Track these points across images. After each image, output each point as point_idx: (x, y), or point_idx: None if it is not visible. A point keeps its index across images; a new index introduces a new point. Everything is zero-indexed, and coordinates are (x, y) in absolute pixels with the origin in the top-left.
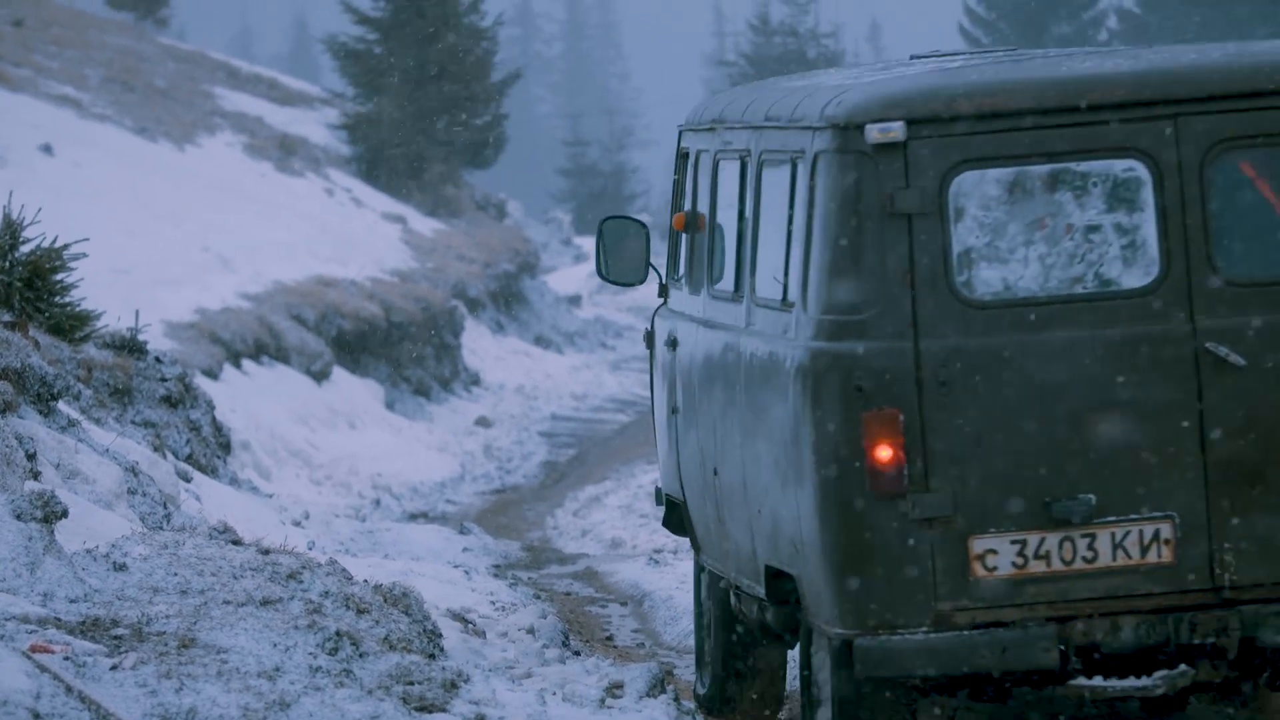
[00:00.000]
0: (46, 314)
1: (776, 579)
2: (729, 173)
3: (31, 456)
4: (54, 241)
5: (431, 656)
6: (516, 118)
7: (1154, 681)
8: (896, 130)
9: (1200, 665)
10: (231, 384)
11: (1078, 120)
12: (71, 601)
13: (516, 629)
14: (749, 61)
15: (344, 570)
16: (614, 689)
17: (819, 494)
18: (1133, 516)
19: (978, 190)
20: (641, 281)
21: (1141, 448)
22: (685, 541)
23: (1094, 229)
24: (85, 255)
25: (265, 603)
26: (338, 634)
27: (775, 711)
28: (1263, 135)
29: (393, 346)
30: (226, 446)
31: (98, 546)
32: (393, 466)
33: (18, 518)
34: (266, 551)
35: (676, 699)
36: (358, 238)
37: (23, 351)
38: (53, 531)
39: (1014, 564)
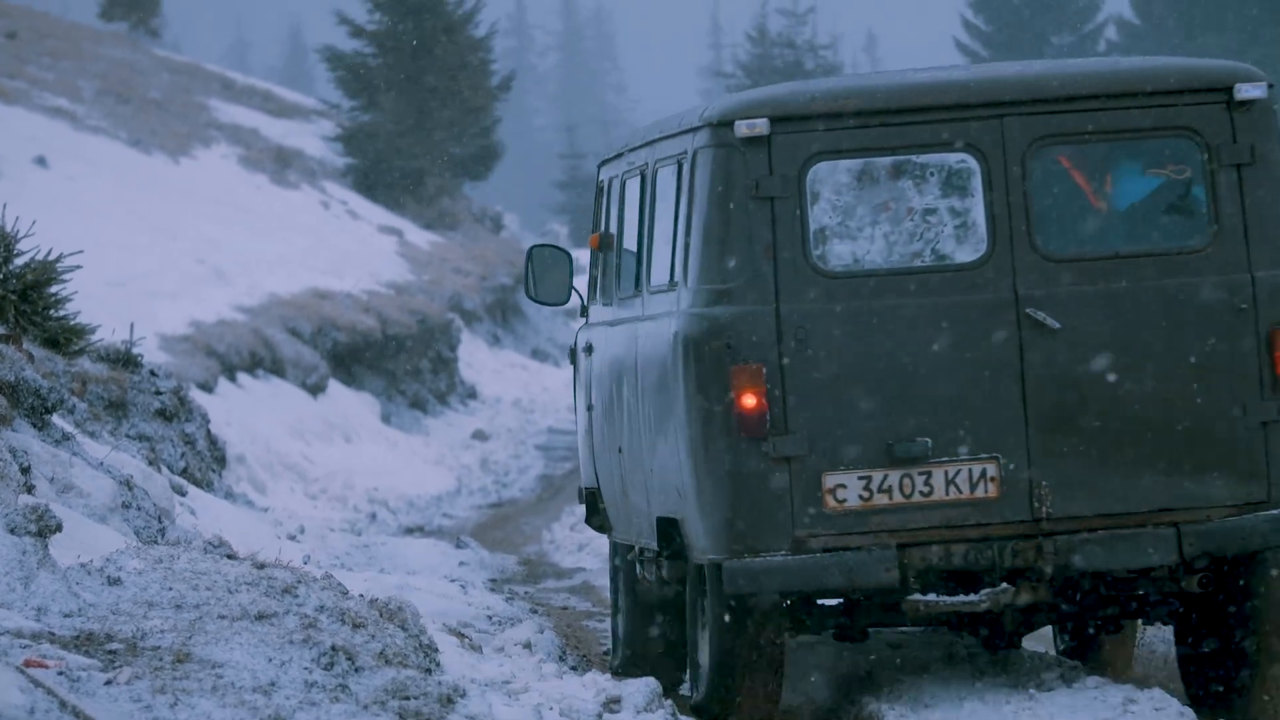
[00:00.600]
0: (41, 327)
1: (666, 528)
2: (633, 189)
3: (26, 470)
4: (48, 254)
5: (427, 671)
6: (513, 130)
7: (980, 598)
8: (761, 126)
9: (1021, 586)
10: (226, 397)
11: (918, 120)
12: (65, 616)
13: (513, 644)
14: (746, 73)
15: (339, 584)
16: (611, 704)
17: (695, 438)
18: (963, 457)
19: (831, 178)
20: (564, 302)
21: (971, 398)
22: None
23: (931, 212)
24: (80, 268)
25: (260, 617)
26: (333, 649)
27: (681, 673)
28: (1075, 133)
29: (389, 359)
30: (221, 460)
31: (92, 561)
32: (389, 480)
33: (11, 532)
34: (261, 566)
35: (675, 714)
36: (353, 250)
37: (17, 365)
38: (47, 546)
39: (860, 497)
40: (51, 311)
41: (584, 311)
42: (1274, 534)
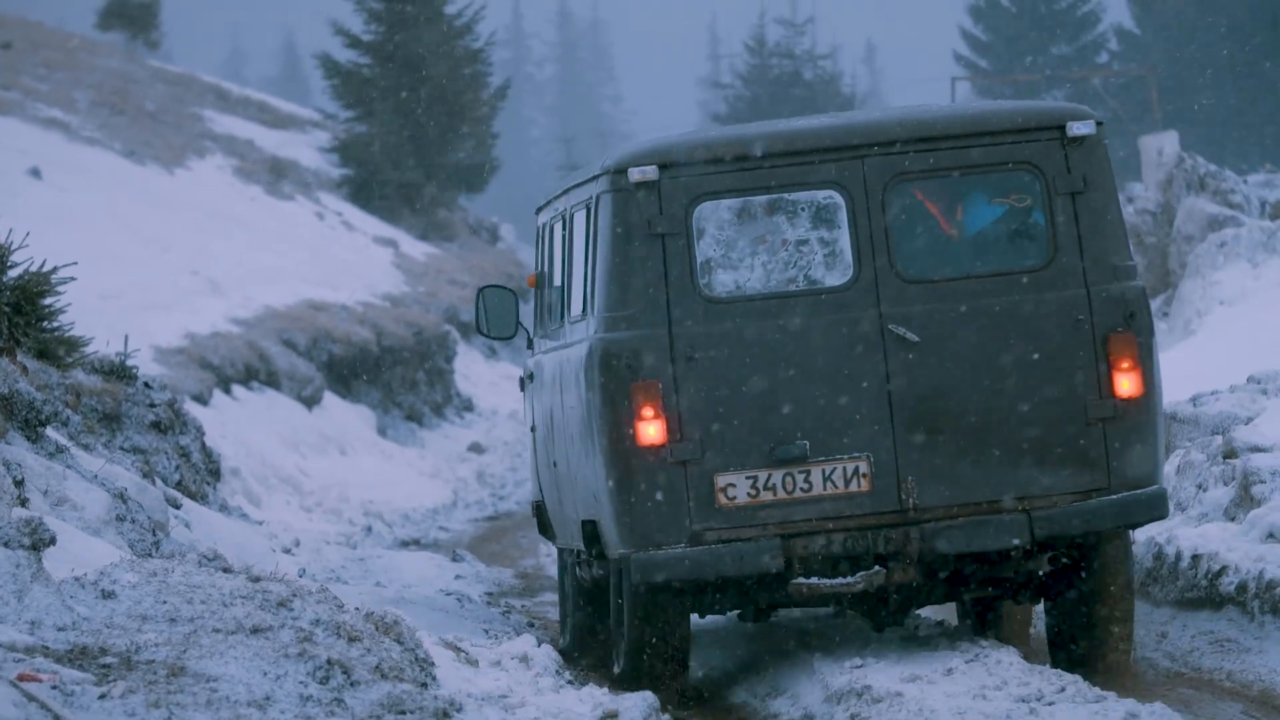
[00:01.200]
0: (35, 339)
1: (589, 530)
2: (557, 232)
3: (19, 483)
4: (42, 266)
5: (423, 685)
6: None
7: (856, 580)
8: (651, 172)
9: (893, 568)
10: (221, 409)
11: (789, 162)
12: (59, 630)
13: (510, 657)
14: (744, 83)
15: (335, 598)
16: (609, 718)
17: (604, 447)
18: (838, 457)
19: (714, 215)
20: (511, 336)
21: (843, 405)
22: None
23: (803, 242)
24: (74, 280)
25: (255, 631)
26: (329, 662)
27: (612, 651)
28: (927, 170)
29: (384, 372)
30: (216, 473)
31: (86, 574)
32: (384, 493)
33: (5, 545)
34: (256, 579)
35: None
36: (349, 262)
37: (10, 377)
38: (40, 559)
39: (749, 494)
40: (45, 324)
41: (530, 344)
42: (1114, 517)
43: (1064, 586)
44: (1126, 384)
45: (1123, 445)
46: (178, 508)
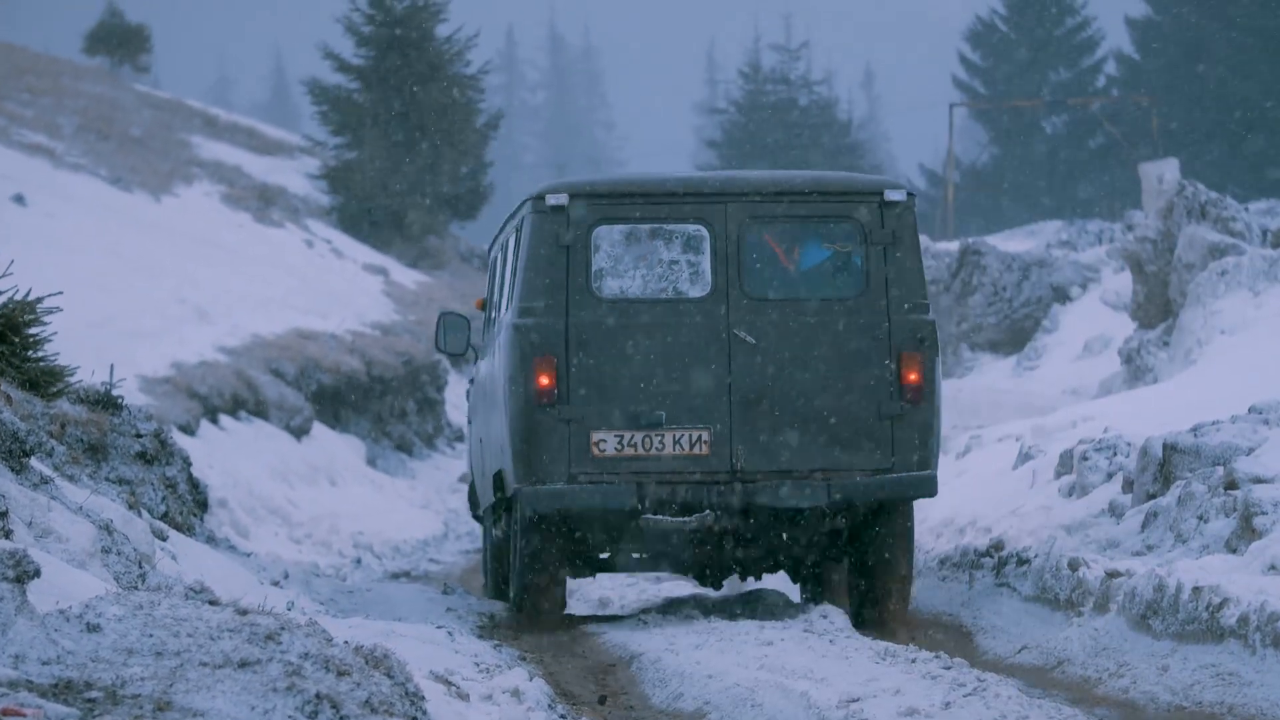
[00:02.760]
0: (19, 369)
1: (497, 479)
2: (498, 257)
3: (3, 514)
4: (26, 294)
5: None
6: (502, 167)
7: (691, 520)
8: (563, 199)
9: (721, 516)
10: (208, 440)
11: (669, 202)
12: (44, 663)
13: (501, 691)
14: (739, 109)
15: (324, 631)
16: None
17: (510, 406)
18: (685, 426)
19: (608, 236)
20: (463, 353)
21: (693, 387)
22: (675, 602)
23: (674, 262)
24: (59, 309)
25: (243, 664)
26: (318, 696)
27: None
28: (774, 217)
29: (374, 401)
30: (203, 504)
31: (71, 607)
32: (374, 524)
33: None
34: (244, 612)
35: None
36: (338, 290)
37: None
38: (25, 591)
39: (615, 449)
40: (30, 352)
41: (475, 360)
42: (893, 489)
43: (857, 548)
44: (912, 391)
45: (906, 437)
46: (164, 539)
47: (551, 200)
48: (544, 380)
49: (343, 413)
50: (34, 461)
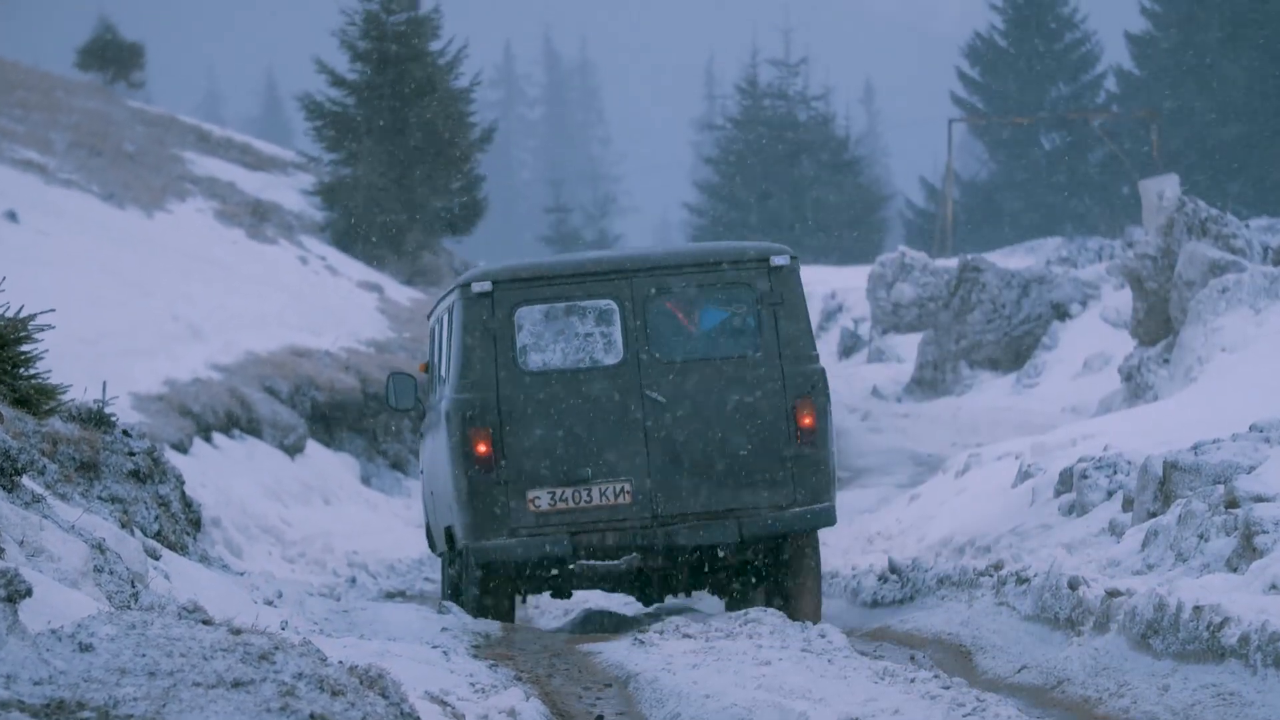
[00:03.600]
0: (11, 387)
1: (448, 532)
2: (437, 331)
3: None
4: (19, 312)
5: None
6: (497, 183)
7: (620, 563)
8: (487, 286)
9: (646, 556)
10: (202, 458)
11: (581, 281)
12: (35, 684)
13: (498, 712)
14: (737, 125)
15: (318, 651)
16: None
17: (455, 472)
18: (609, 480)
19: (530, 315)
20: (410, 409)
21: (614, 445)
22: (671, 623)
23: (590, 335)
24: (51, 326)
25: (236, 685)
26: (311, 717)
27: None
28: (674, 289)
29: (369, 419)
30: (197, 523)
31: (63, 626)
32: (369, 543)
33: None
34: (238, 631)
35: None
36: (332, 307)
37: None
38: (16, 611)
39: (549, 504)
40: (22, 370)
41: (422, 415)
42: (796, 522)
43: (771, 572)
44: (807, 434)
45: (804, 475)
46: (157, 558)
47: (476, 288)
48: (482, 449)
49: (337, 431)
50: (26, 480)
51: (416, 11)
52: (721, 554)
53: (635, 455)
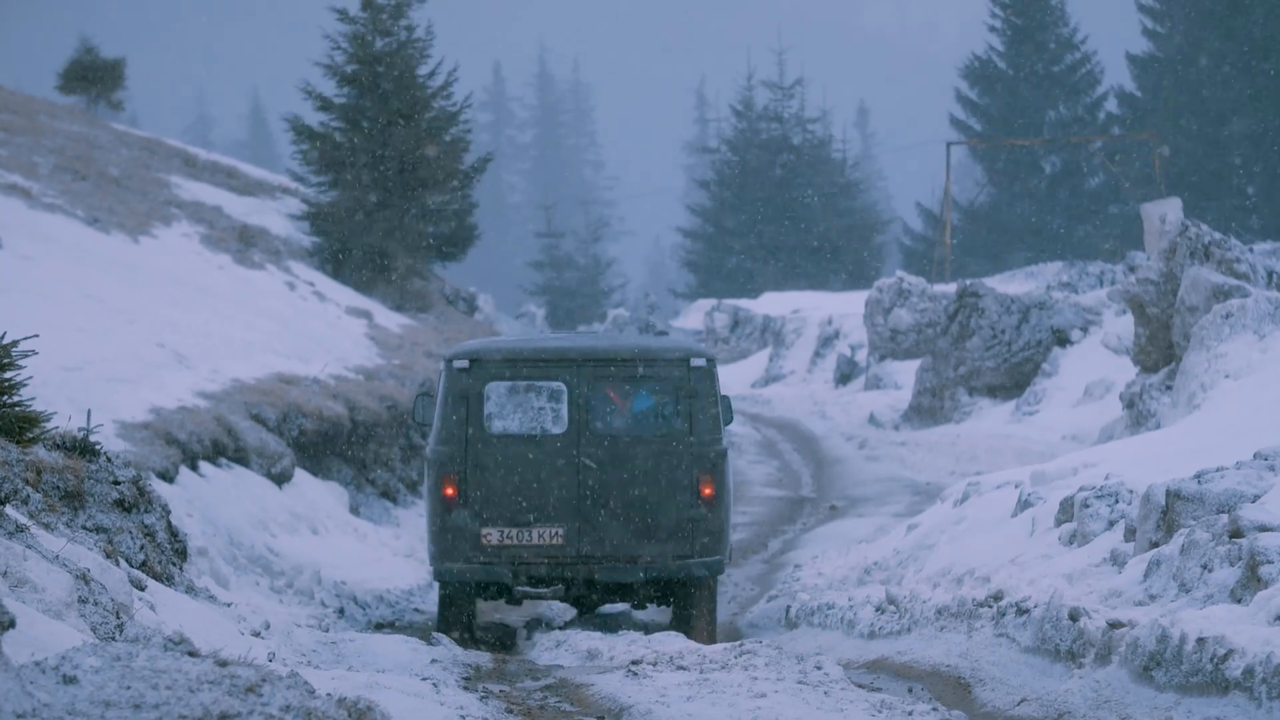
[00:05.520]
0: None
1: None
2: (436, 388)
3: None
4: (1, 338)
5: None
6: (488, 208)
7: (549, 591)
8: (465, 363)
9: (571, 586)
10: (188, 487)
11: (539, 365)
12: (19, 716)
13: None
14: (731, 148)
15: (306, 683)
16: None
17: (430, 509)
18: (547, 524)
19: (497, 389)
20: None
21: (554, 497)
22: (665, 654)
23: (542, 408)
24: (34, 352)
25: (223, 717)
26: None
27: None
28: (613, 375)
29: (357, 448)
30: (183, 553)
31: (47, 658)
32: (357, 574)
33: None
34: (224, 663)
35: None
36: (321, 333)
37: None
38: (0, 643)
39: (498, 540)
40: (5, 398)
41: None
42: (691, 569)
43: (675, 603)
44: (707, 500)
45: (702, 532)
46: (142, 589)
47: (458, 364)
48: (449, 491)
49: (325, 459)
50: (9, 509)
51: (408, 21)
52: (633, 587)
53: (568, 507)
